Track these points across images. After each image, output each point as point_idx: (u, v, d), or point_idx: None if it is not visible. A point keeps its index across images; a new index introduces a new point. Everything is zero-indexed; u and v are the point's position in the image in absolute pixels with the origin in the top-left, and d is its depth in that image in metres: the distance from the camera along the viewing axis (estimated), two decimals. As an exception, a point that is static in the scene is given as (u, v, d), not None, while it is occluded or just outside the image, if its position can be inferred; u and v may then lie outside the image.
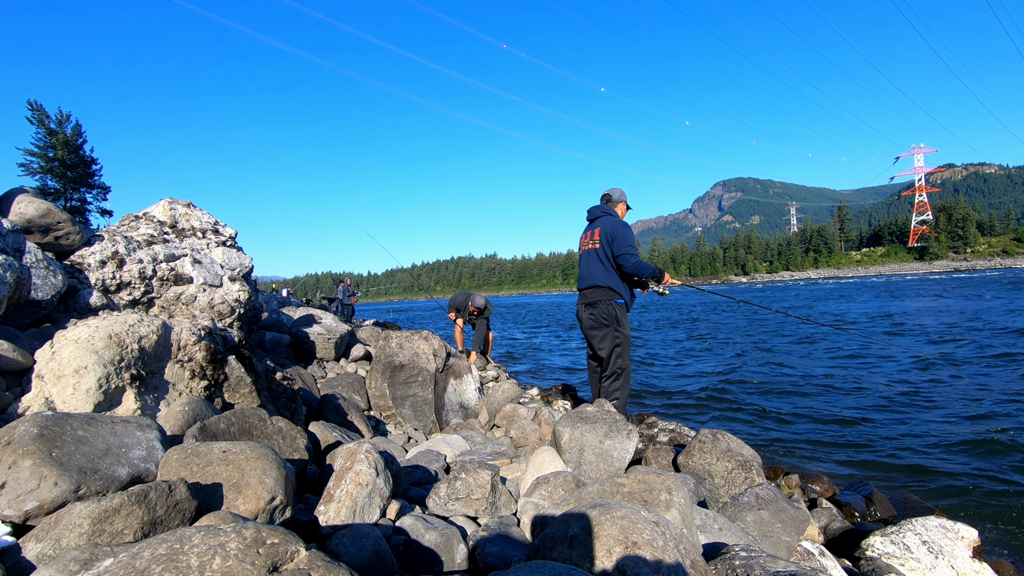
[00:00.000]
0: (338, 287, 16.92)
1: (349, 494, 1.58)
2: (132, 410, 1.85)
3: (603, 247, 3.72)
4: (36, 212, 2.93)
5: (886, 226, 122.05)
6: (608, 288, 3.68)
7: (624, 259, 3.63)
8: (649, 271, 3.68)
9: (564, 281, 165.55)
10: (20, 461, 1.17)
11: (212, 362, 2.24)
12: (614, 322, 3.65)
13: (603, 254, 3.72)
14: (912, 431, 4.12)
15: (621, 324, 3.66)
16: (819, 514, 2.59)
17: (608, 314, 3.67)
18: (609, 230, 3.72)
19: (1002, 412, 4.46)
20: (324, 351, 4.85)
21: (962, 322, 11.01)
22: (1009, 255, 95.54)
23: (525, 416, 3.54)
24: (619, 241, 3.66)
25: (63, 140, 14.02)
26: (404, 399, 3.71)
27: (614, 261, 3.68)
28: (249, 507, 1.29)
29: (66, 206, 14.38)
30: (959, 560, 1.92)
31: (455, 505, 1.84)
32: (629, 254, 3.63)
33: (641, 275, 3.70)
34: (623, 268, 3.66)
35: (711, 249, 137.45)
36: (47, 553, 1.05)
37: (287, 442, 1.90)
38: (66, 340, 1.81)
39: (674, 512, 1.49)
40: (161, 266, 3.50)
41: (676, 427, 3.77)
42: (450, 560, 1.49)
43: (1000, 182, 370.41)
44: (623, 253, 3.63)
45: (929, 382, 5.79)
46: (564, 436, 2.43)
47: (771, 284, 72.99)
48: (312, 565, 0.91)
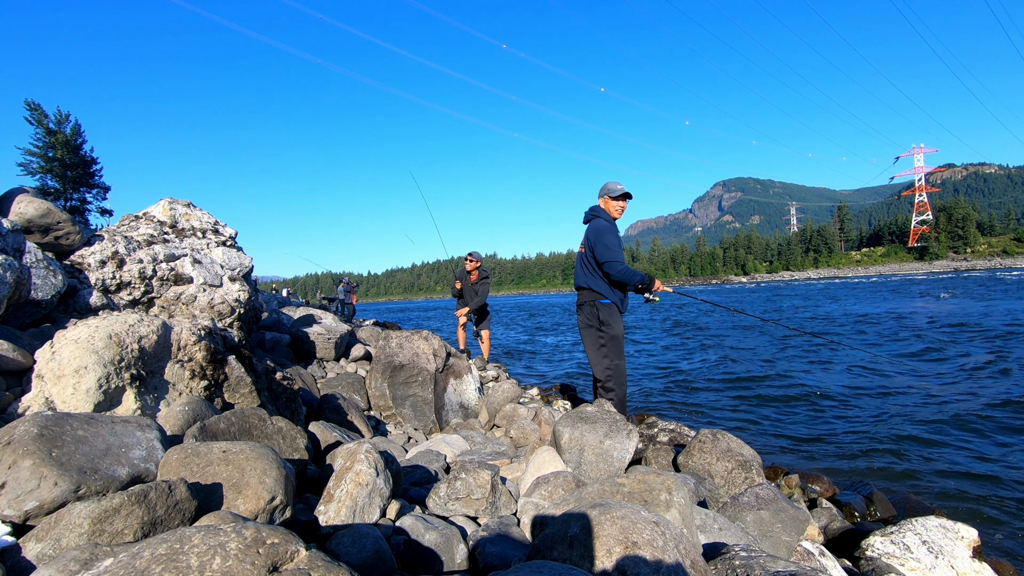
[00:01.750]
0: (338, 287, 16.91)
1: (349, 494, 1.58)
2: (132, 410, 1.85)
3: (587, 252, 3.70)
4: (36, 212, 2.93)
5: (886, 226, 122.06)
6: (590, 289, 3.66)
7: (609, 267, 3.56)
8: (636, 278, 3.60)
9: (564, 281, 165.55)
10: (20, 461, 1.17)
11: (212, 362, 2.24)
12: (597, 322, 3.64)
13: (587, 258, 3.71)
14: (912, 431, 4.12)
15: (605, 324, 3.62)
16: (819, 514, 2.59)
17: (592, 315, 3.66)
18: (590, 236, 3.67)
19: (1002, 412, 4.46)
20: (324, 351, 4.85)
21: (965, 322, 11.01)
22: (1009, 255, 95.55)
23: (525, 416, 3.54)
24: (599, 248, 3.58)
25: (62, 140, 14.02)
26: (404, 399, 3.71)
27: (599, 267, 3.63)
28: (249, 507, 1.29)
29: (66, 206, 14.38)
30: (959, 560, 1.92)
31: (455, 505, 1.84)
32: (614, 261, 3.54)
33: (629, 283, 3.63)
34: (610, 277, 3.60)
35: (711, 249, 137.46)
36: (47, 553, 1.05)
37: (287, 442, 1.90)
38: (66, 340, 1.81)
39: (674, 512, 1.49)
40: (161, 266, 3.50)
41: (676, 427, 3.77)
42: (450, 560, 1.49)
43: (1000, 182, 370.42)
44: (607, 261, 3.55)
45: (928, 383, 5.79)
46: (564, 436, 2.43)
47: (771, 284, 72.99)
48: (312, 565, 0.91)
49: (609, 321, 3.63)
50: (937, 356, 7.30)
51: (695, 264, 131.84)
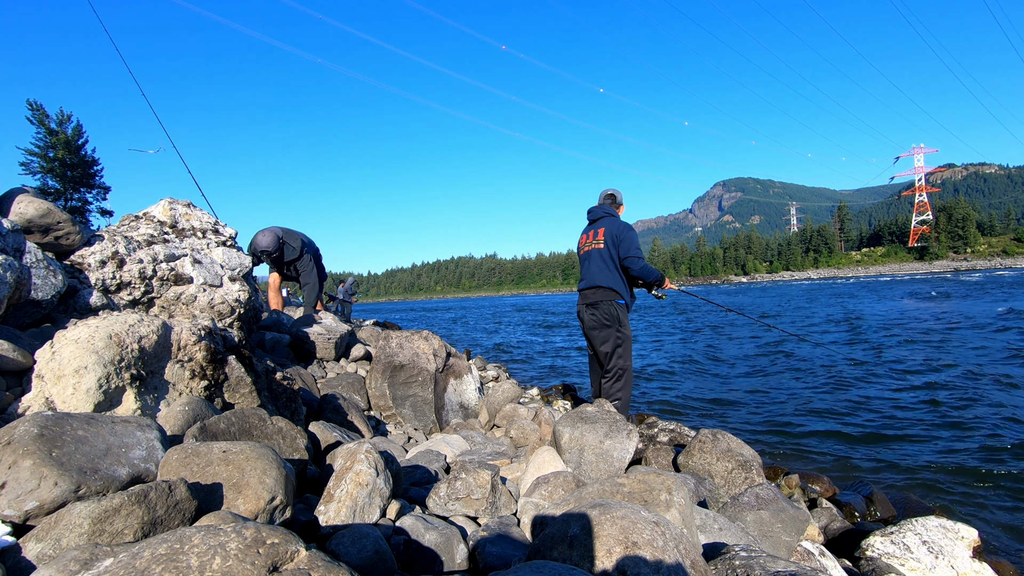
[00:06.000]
0: (338, 287, 16.91)
1: (349, 494, 1.58)
2: (132, 410, 1.85)
3: (608, 248, 3.73)
4: (36, 212, 2.93)
5: (886, 226, 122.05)
6: (610, 288, 3.69)
7: (632, 262, 3.65)
8: (655, 275, 3.71)
9: (564, 281, 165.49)
10: (20, 461, 1.17)
11: (212, 362, 2.24)
12: (615, 322, 3.66)
13: (607, 255, 3.73)
14: (913, 432, 4.12)
15: (623, 324, 3.68)
16: (819, 514, 2.59)
17: (610, 314, 3.67)
18: (615, 231, 3.73)
19: (1002, 412, 4.46)
20: (324, 351, 4.84)
21: (963, 323, 11.00)
22: (1009, 255, 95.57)
23: (525, 416, 3.54)
24: (626, 244, 3.68)
25: (64, 140, 14.02)
26: (404, 399, 3.71)
27: (620, 263, 3.70)
28: (249, 507, 1.29)
29: (66, 206, 14.39)
30: (959, 560, 1.92)
31: (455, 505, 1.84)
32: (637, 257, 3.65)
33: (647, 279, 3.73)
34: (630, 271, 3.68)
35: (711, 249, 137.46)
36: (47, 553, 1.05)
37: (287, 442, 1.90)
38: (66, 340, 1.81)
39: (674, 512, 1.49)
40: (161, 266, 3.50)
41: (676, 427, 3.77)
42: (450, 560, 1.49)
43: (1000, 182, 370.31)
44: (630, 256, 3.65)
45: (928, 383, 5.78)
46: (564, 436, 2.43)
47: (772, 284, 72.95)
48: (312, 565, 0.91)
49: (625, 321, 3.70)
50: (937, 356, 7.30)
51: (695, 264, 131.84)
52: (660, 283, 3.79)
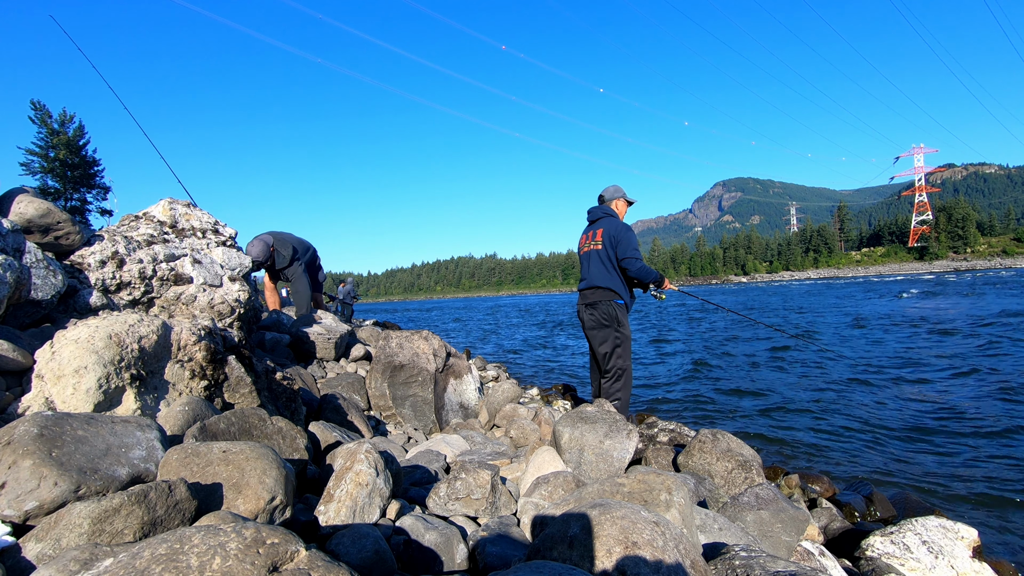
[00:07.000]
0: (338, 287, 16.90)
1: (349, 494, 1.58)
2: (132, 410, 1.85)
3: (606, 249, 3.73)
4: (36, 212, 2.93)
5: (886, 226, 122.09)
6: (608, 289, 3.69)
7: (629, 263, 3.65)
8: (653, 276, 3.71)
9: (564, 281, 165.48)
10: (20, 461, 1.17)
11: (212, 362, 2.24)
12: (614, 322, 3.66)
13: (605, 256, 3.73)
14: (913, 432, 4.12)
15: (621, 324, 3.68)
16: (819, 514, 2.59)
17: (608, 314, 3.68)
18: (613, 232, 3.73)
19: (1002, 413, 4.46)
20: (324, 351, 4.84)
21: (963, 323, 11.01)
22: (1009, 255, 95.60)
23: (525, 416, 3.54)
24: (623, 245, 3.67)
25: (65, 141, 14.02)
26: (404, 399, 3.71)
27: (617, 263, 3.69)
28: (249, 507, 1.29)
29: (66, 206, 14.39)
30: (959, 560, 1.92)
31: (455, 505, 1.84)
32: (634, 258, 3.65)
33: (645, 279, 3.73)
34: (628, 272, 3.68)
35: (711, 249, 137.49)
36: (47, 553, 1.05)
37: (287, 442, 1.90)
38: (66, 340, 1.81)
39: (674, 512, 1.49)
40: (161, 266, 3.50)
41: (676, 427, 3.77)
42: (450, 560, 1.49)
43: (1000, 182, 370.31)
44: (628, 257, 3.65)
45: (928, 384, 5.79)
46: (564, 436, 2.43)
47: (772, 284, 72.96)
48: (312, 565, 0.91)
49: (624, 321, 3.70)
50: (937, 357, 7.30)
51: (695, 264, 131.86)
52: (659, 284, 3.80)
